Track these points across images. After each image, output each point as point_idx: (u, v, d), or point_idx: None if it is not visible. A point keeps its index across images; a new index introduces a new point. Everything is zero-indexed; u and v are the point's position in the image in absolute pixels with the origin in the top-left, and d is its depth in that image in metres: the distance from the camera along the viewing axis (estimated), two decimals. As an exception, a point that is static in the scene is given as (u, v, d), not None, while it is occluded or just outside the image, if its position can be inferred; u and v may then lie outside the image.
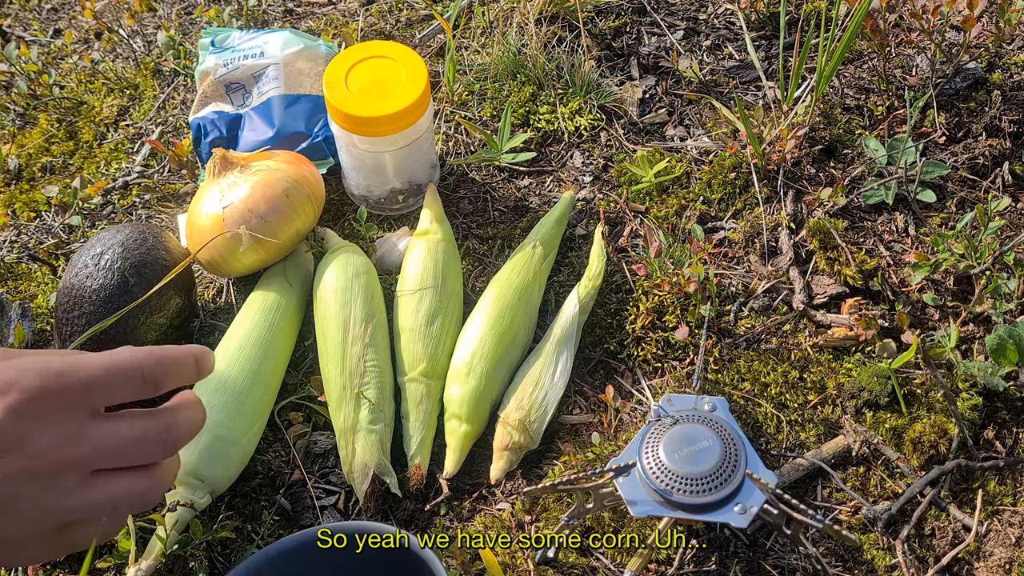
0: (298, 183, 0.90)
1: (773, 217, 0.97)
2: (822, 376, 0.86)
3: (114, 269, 0.85)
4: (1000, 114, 1.02)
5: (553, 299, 0.94)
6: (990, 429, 0.83)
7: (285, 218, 0.89)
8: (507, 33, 1.13)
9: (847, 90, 1.08)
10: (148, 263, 0.86)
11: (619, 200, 1.01)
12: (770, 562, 0.77)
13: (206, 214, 0.89)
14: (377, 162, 0.96)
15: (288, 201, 0.89)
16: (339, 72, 0.93)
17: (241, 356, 0.85)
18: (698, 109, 1.10)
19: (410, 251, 0.93)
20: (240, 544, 0.81)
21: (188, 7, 1.31)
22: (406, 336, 0.88)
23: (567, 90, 1.10)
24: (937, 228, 0.96)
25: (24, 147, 1.14)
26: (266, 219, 0.88)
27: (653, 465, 0.72)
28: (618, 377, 0.89)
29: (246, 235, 0.87)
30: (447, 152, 1.08)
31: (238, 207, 0.88)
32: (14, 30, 1.34)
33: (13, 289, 1.00)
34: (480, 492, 0.83)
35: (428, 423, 0.85)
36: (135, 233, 0.88)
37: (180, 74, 1.20)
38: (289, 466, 0.85)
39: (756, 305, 0.92)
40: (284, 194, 0.89)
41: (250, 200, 0.88)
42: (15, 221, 1.07)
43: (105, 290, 0.84)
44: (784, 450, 0.83)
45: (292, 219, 0.90)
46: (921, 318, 0.90)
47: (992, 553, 0.77)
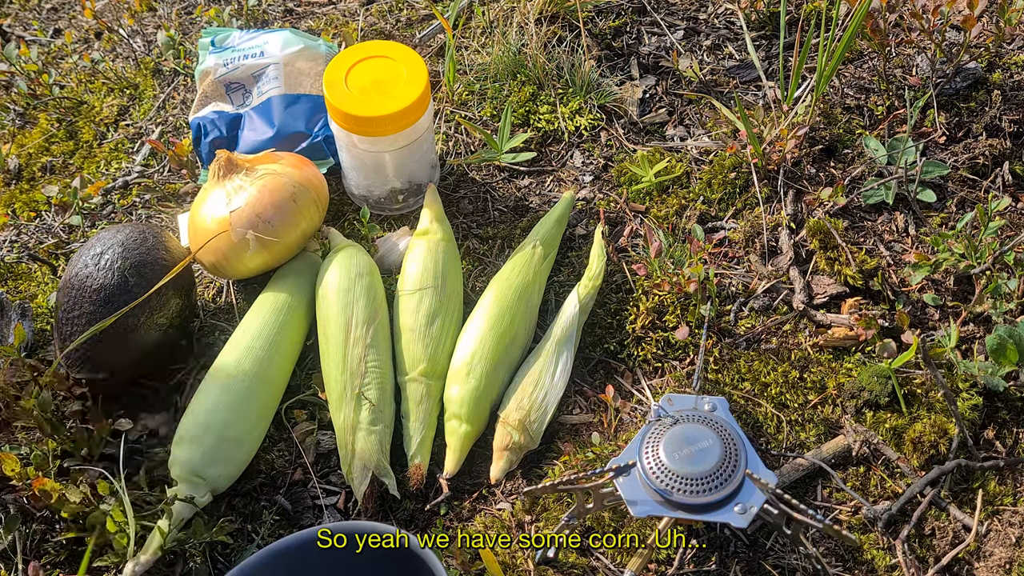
0: (304, 187, 0.90)
1: (773, 217, 0.97)
2: (822, 376, 0.86)
3: (114, 269, 0.85)
4: (1000, 114, 1.02)
5: (553, 299, 0.94)
6: (990, 429, 0.83)
7: (292, 222, 0.89)
8: (507, 33, 1.13)
9: (847, 90, 1.08)
10: (148, 263, 0.86)
11: (619, 200, 1.01)
12: (770, 562, 0.77)
13: (212, 217, 0.89)
14: (377, 162, 0.96)
15: (295, 206, 0.89)
16: (339, 72, 0.93)
17: (249, 356, 0.85)
18: (698, 109, 1.10)
19: (410, 251, 0.93)
20: (240, 544, 0.81)
21: (188, 7, 1.31)
22: (406, 336, 0.88)
23: (567, 90, 1.10)
24: (937, 228, 0.96)
25: (24, 147, 1.14)
26: (273, 223, 0.88)
27: (653, 465, 0.72)
28: (618, 377, 0.89)
29: (253, 239, 0.87)
30: (447, 152, 1.08)
31: (245, 211, 0.88)
32: (14, 30, 1.34)
33: (13, 289, 1.00)
34: (480, 492, 0.83)
35: (428, 423, 0.85)
36: (135, 233, 0.88)
37: (180, 74, 1.20)
38: (291, 465, 0.85)
39: (756, 305, 0.92)
40: (291, 199, 0.89)
41: (257, 204, 0.88)
42: (15, 221, 1.07)
43: (105, 290, 0.84)
44: (784, 450, 0.83)
45: (298, 223, 0.90)
46: (921, 318, 0.90)
47: (992, 553, 0.77)
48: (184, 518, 0.78)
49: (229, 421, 0.82)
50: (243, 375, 0.84)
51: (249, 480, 0.84)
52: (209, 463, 0.80)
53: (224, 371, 0.85)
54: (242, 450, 0.83)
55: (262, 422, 0.85)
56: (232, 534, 0.81)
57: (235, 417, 0.82)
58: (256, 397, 0.84)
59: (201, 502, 0.79)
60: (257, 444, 0.85)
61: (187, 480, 0.80)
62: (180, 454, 0.81)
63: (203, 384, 0.85)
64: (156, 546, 0.75)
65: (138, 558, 0.75)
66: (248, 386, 0.84)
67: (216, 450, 0.80)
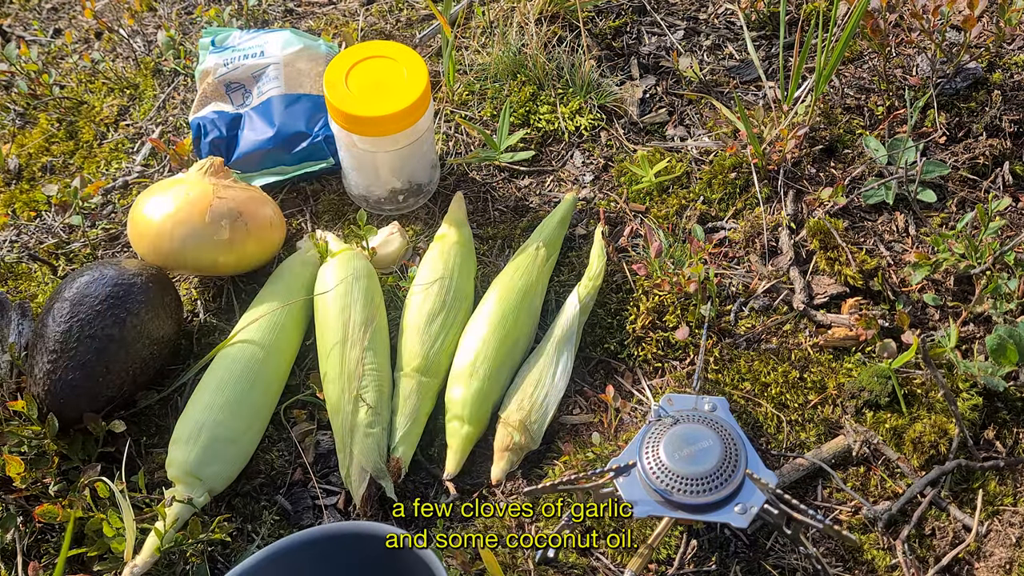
0: (279, 214, 0.97)
1: (773, 217, 0.97)
2: (822, 376, 0.86)
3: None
4: (1000, 114, 1.02)
5: (553, 299, 0.94)
6: (990, 429, 0.83)
7: (262, 230, 0.93)
8: (507, 33, 1.13)
9: (847, 90, 1.08)
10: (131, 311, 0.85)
11: (619, 200, 1.01)
12: (770, 562, 0.77)
13: (194, 194, 0.91)
14: (377, 162, 0.96)
15: (272, 218, 0.95)
16: (339, 72, 0.93)
17: (243, 356, 0.85)
18: (698, 109, 1.10)
19: (426, 253, 0.94)
20: (240, 544, 0.81)
21: (188, 7, 1.31)
22: (407, 333, 0.89)
23: (567, 90, 1.10)
24: (937, 228, 0.96)
25: (24, 147, 1.14)
26: (248, 224, 0.92)
27: (653, 465, 0.72)
28: (618, 377, 0.89)
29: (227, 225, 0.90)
30: (447, 152, 1.08)
31: (228, 203, 0.91)
32: (14, 30, 1.34)
33: (13, 289, 1.00)
34: (480, 492, 0.83)
35: (415, 419, 0.85)
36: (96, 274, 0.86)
37: (180, 74, 1.20)
38: (291, 466, 0.85)
39: (756, 305, 0.92)
40: (271, 210, 0.96)
41: (241, 204, 0.92)
42: (15, 221, 1.07)
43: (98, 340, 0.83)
44: (784, 450, 0.83)
45: (267, 234, 0.94)
46: (921, 318, 0.90)
47: (992, 553, 0.77)
48: (182, 519, 0.78)
49: (223, 421, 0.82)
50: (237, 375, 0.84)
51: (249, 480, 0.84)
52: (204, 463, 0.80)
53: (218, 371, 0.85)
54: (238, 450, 0.83)
55: (258, 422, 0.85)
56: (232, 534, 0.81)
57: (229, 417, 0.82)
58: (251, 397, 0.84)
59: (199, 503, 0.79)
60: (254, 444, 0.85)
61: (184, 481, 0.80)
62: (176, 454, 0.81)
63: (199, 384, 0.85)
64: (153, 548, 0.75)
65: (135, 561, 0.75)
66: (242, 386, 0.84)
67: (211, 450, 0.81)
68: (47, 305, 0.85)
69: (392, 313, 0.93)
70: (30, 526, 0.81)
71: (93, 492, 0.79)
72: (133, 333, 0.84)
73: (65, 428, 0.83)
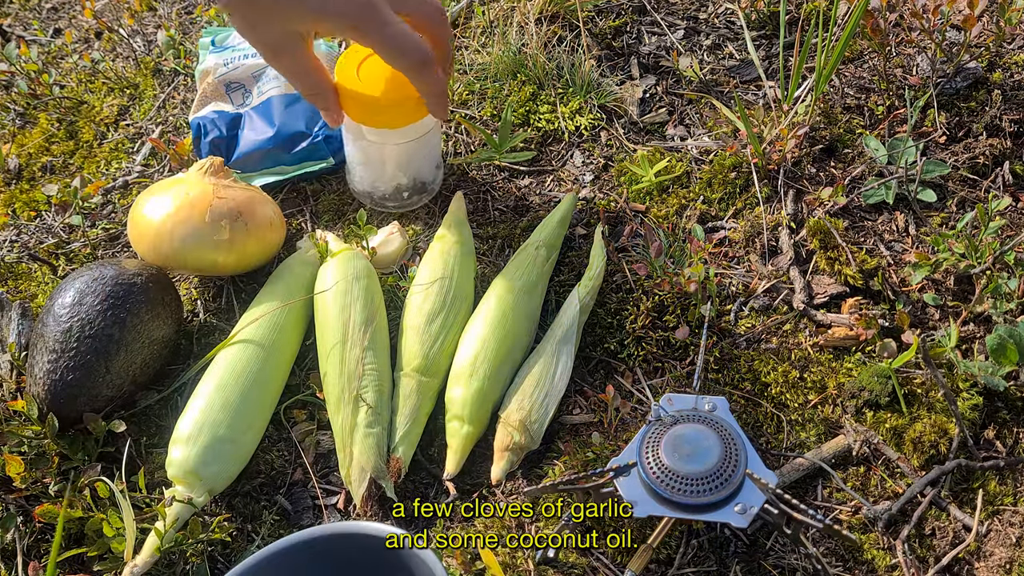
0: (279, 214, 0.97)
1: (773, 217, 0.97)
2: (822, 376, 0.86)
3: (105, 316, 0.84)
4: (1000, 113, 1.02)
5: (553, 299, 0.94)
6: (990, 429, 0.83)
7: (262, 230, 0.93)
8: (507, 32, 1.13)
9: (847, 89, 1.08)
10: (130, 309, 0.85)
11: (619, 200, 1.01)
12: (770, 562, 0.77)
13: (194, 194, 0.91)
14: (385, 156, 0.96)
15: (272, 218, 0.95)
16: (351, 63, 0.93)
17: (244, 356, 0.85)
18: (698, 108, 1.10)
19: (426, 253, 0.94)
20: (240, 544, 0.81)
21: (188, 6, 1.31)
22: (407, 334, 0.89)
23: (567, 90, 1.10)
24: (937, 228, 0.96)
25: (24, 147, 1.14)
26: (248, 224, 0.92)
27: (653, 465, 0.72)
28: (618, 377, 0.89)
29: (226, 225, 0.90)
30: (447, 152, 1.08)
31: (228, 203, 0.91)
32: (14, 30, 1.34)
33: (13, 289, 1.00)
34: (480, 492, 0.83)
35: (415, 418, 0.85)
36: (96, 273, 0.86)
37: (180, 73, 1.20)
38: (291, 465, 0.85)
39: (756, 305, 0.92)
40: (271, 210, 0.96)
41: (241, 204, 0.92)
42: (15, 221, 1.07)
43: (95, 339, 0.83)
44: (784, 450, 0.83)
45: (267, 234, 0.94)
46: (921, 318, 0.90)
47: (992, 553, 0.77)
48: (183, 519, 0.78)
49: (223, 421, 0.82)
50: (237, 375, 0.84)
51: (249, 480, 0.84)
52: (204, 463, 0.80)
53: (218, 371, 0.85)
54: (238, 450, 0.83)
55: (258, 422, 0.85)
56: (232, 534, 0.81)
57: (229, 416, 0.82)
58: (250, 397, 0.84)
59: (199, 503, 0.79)
60: (254, 444, 0.85)
61: (184, 480, 0.80)
62: (176, 454, 0.81)
63: (199, 384, 0.85)
64: (153, 548, 0.75)
65: (135, 561, 0.75)
66: (242, 386, 0.84)
67: (211, 450, 0.81)
68: (47, 305, 0.85)
69: (392, 313, 0.93)
70: (30, 526, 0.81)
71: (93, 492, 0.79)
72: (133, 333, 0.84)
73: (65, 428, 0.83)
